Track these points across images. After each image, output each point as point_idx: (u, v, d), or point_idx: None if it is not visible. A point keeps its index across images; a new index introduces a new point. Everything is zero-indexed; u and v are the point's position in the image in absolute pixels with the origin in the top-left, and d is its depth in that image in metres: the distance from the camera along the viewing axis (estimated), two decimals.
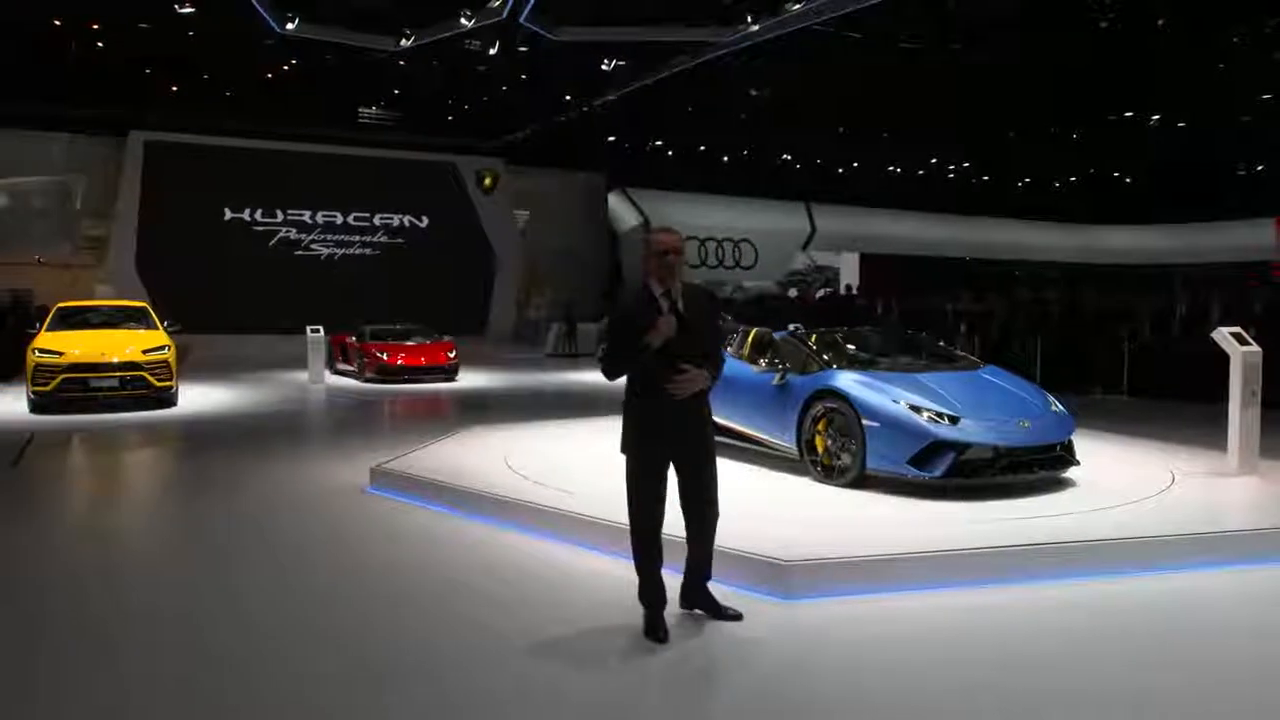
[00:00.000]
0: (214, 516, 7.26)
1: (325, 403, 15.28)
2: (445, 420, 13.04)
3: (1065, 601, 5.00)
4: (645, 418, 4.46)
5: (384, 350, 17.96)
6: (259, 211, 25.63)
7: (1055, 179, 39.49)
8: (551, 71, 23.57)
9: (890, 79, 24.07)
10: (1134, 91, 26.91)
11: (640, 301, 4.46)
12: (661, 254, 4.40)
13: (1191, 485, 6.98)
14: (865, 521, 6.06)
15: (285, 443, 11.09)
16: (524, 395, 16.37)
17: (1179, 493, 6.74)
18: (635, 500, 4.49)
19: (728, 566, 4.92)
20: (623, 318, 4.54)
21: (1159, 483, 6.99)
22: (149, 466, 10.04)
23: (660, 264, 4.40)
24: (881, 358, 7.80)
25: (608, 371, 4.58)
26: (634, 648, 4.37)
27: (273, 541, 6.49)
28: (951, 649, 4.38)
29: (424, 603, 5.12)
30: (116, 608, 5.10)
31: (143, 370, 13.22)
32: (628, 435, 4.51)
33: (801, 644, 4.44)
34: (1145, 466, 7.62)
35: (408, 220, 27.29)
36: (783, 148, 33.34)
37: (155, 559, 6.28)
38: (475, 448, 8.74)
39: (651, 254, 4.44)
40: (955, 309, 19.20)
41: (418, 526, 6.70)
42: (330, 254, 26.44)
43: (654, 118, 28.01)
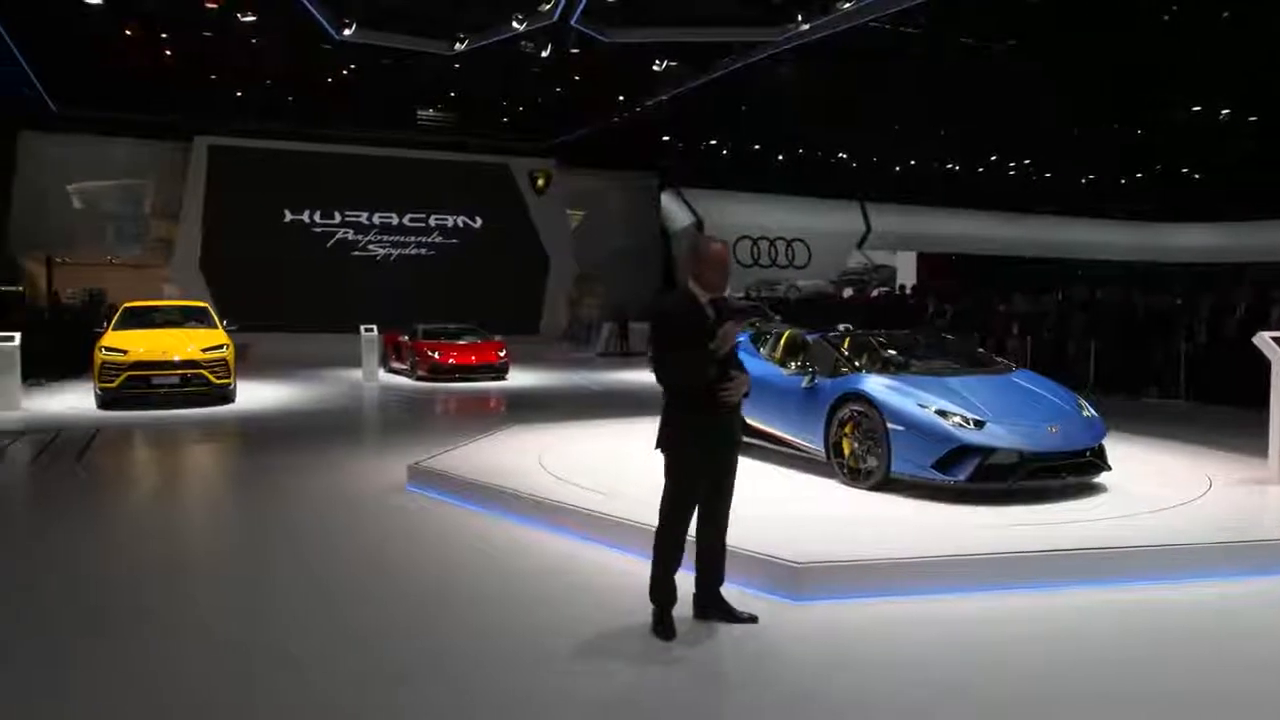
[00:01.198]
0: (256, 512, 7.57)
1: (377, 400, 15.65)
2: (490, 419, 13.28)
3: (1083, 608, 4.99)
4: (697, 422, 4.48)
5: (436, 349, 18.31)
6: (318, 213, 26.28)
7: (1121, 176, 38.57)
8: (604, 72, 23.74)
9: (948, 75, 23.76)
10: (1202, 85, 26.19)
11: (685, 308, 4.52)
12: (719, 264, 4.51)
13: (1227, 492, 6.86)
14: (884, 524, 6.08)
15: (335, 440, 11.40)
16: (571, 395, 16.57)
17: (1213, 499, 6.64)
18: (679, 502, 4.51)
19: (741, 568, 5.00)
20: (676, 323, 4.51)
21: (1194, 489, 6.89)
22: (202, 462, 10.42)
23: (716, 273, 4.52)
24: (913, 361, 7.81)
25: (673, 376, 4.52)
26: (649, 649, 4.45)
27: (306, 538, 6.73)
28: (962, 654, 4.41)
29: (449, 601, 5.28)
30: (148, 600, 5.36)
31: (202, 368, 13.72)
32: (677, 438, 4.49)
33: (811, 646, 4.50)
34: (1182, 472, 7.51)
35: (462, 221, 27.74)
36: (838, 146, 33.09)
37: (195, 553, 6.56)
38: (512, 447, 8.93)
39: (707, 263, 4.52)
40: (1008, 310, 18.90)
41: (449, 525, 6.88)
42: (386, 254, 27.00)
43: (707, 117, 28.01)
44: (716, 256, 4.53)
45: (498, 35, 19.90)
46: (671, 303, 4.65)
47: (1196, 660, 4.41)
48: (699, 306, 4.49)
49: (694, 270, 4.54)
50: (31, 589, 5.49)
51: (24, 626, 4.83)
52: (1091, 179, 38.67)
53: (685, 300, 4.52)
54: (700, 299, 4.49)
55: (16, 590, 5.47)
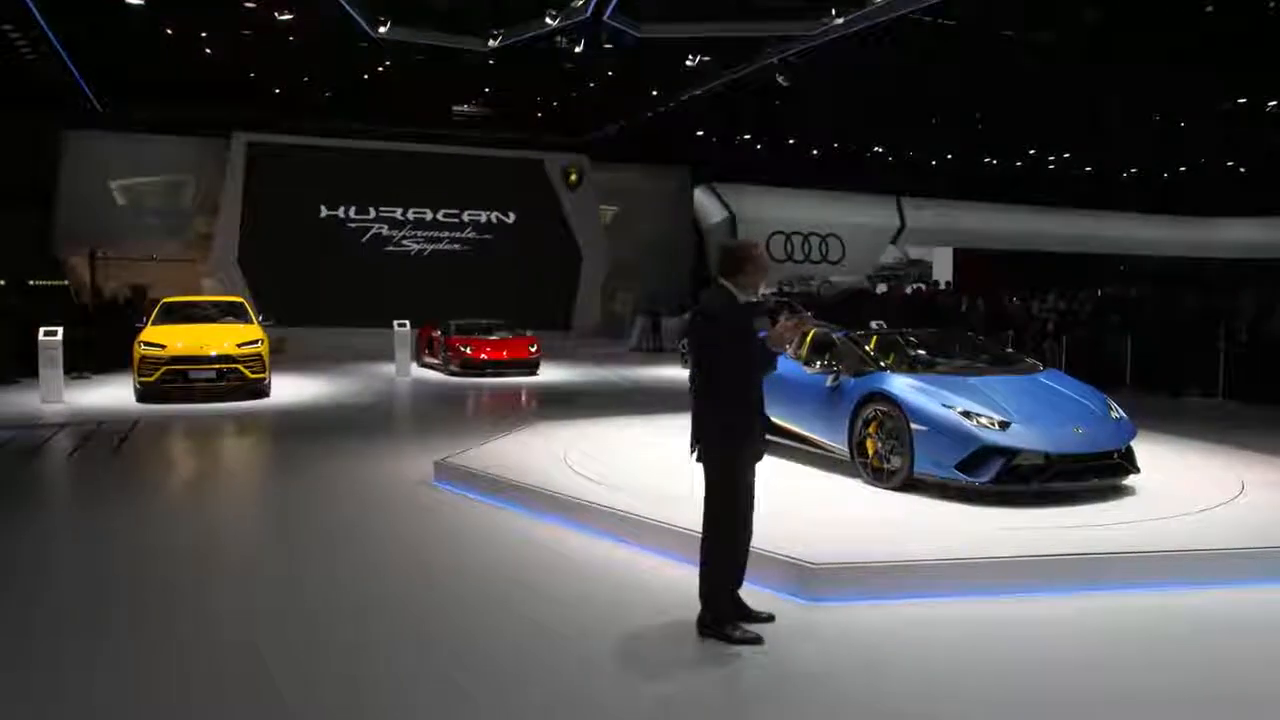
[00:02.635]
0: (286, 506, 7.70)
1: (409, 395, 15.81)
2: (520, 414, 13.36)
3: (1105, 613, 4.94)
4: (747, 421, 4.50)
5: (468, 344, 18.43)
6: (353, 209, 26.52)
7: (1164, 170, 37.85)
8: (637, 68, 23.73)
9: (984, 69, 23.46)
10: (1247, 77, 25.62)
11: (735, 310, 4.53)
12: (763, 267, 4.64)
13: (1261, 496, 6.74)
14: (908, 526, 6.05)
15: (367, 434, 11.55)
16: (601, 390, 16.61)
17: (1245, 504, 6.52)
18: (738, 505, 4.47)
19: (755, 567, 5.01)
20: (742, 328, 4.51)
21: (1226, 493, 6.78)
22: (236, 455, 10.61)
23: (759, 275, 4.62)
24: (939, 360, 7.76)
25: (741, 378, 4.49)
26: (655, 652, 4.48)
27: (332, 532, 6.83)
28: (975, 657, 4.40)
29: (467, 598, 5.35)
30: (178, 599, 5.47)
31: (238, 363, 13.94)
32: (727, 441, 4.46)
33: (822, 647, 4.50)
34: (1215, 475, 7.38)
35: (495, 216, 27.86)
36: (873, 141, 32.80)
37: (222, 545, 6.69)
38: (538, 443, 8.98)
39: (753, 264, 4.58)
40: (1042, 307, 18.66)
41: (471, 521, 6.96)
42: (420, 250, 27.20)
43: (741, 112, 27.89)
44: (762, 260, 4.62)
45: (532, 31, 19.99)
46: (720, 305, 4.56)
47: (1218, 666, 4.35)
48: (745, 307, 4.56)
49: (735, 271, 4.54)
50: (52, 584, 5.64)
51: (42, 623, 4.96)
52: (1134, 172, 38.03)
53: (728, 301, 4.52)
54: (738, 299, 4.53)
55: (35, 578, 5.62)
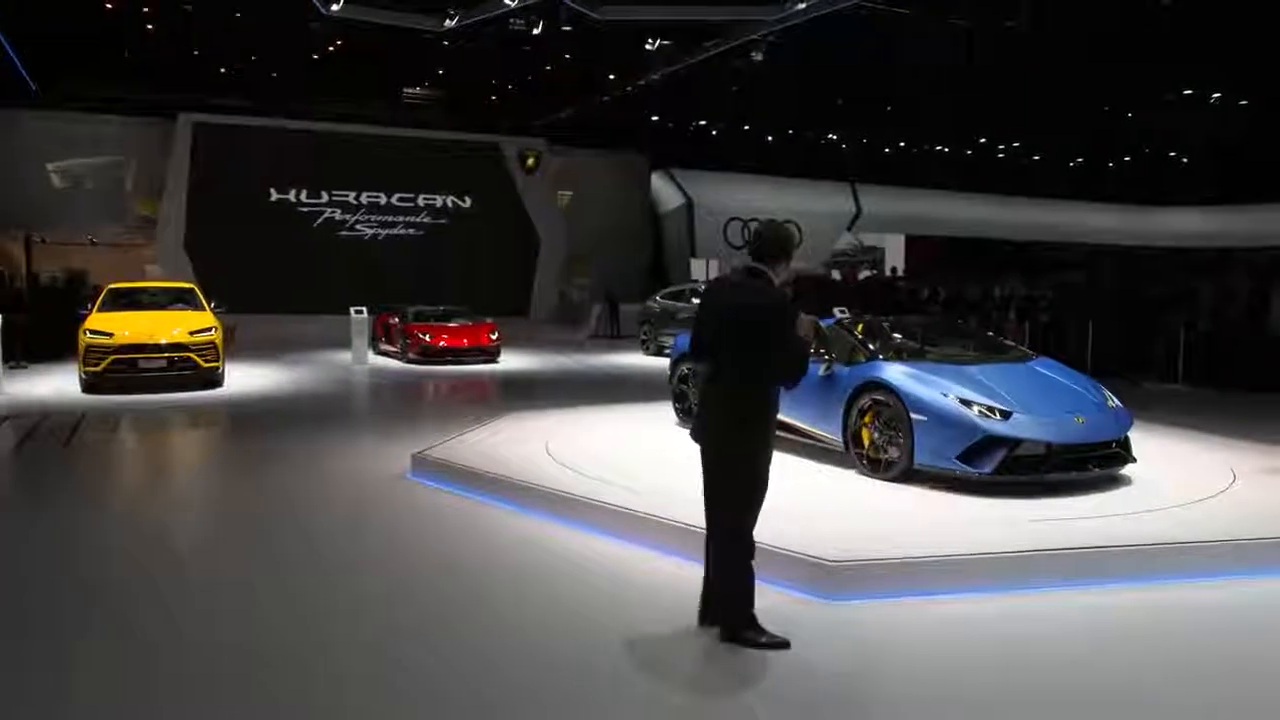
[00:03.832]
0: (253, 502, 7.30)
1: (368, 384, 15.37)
2: (488, 404, 13.05)
3: (1122, 607, 4.84)
4: (772, 416, 4.31)
5: (427, 331, 18.02)
6: (304, 193, 25.84)
7: (1109, 159, 38.51)
8: (595, 51, 23.40)
9: (939, 56, 23.55)
10: (1194, 69, 26.07)
11: (789, 301, 4.36)
12: (792, 251, 4.42)
13: (1254, 485, 6.71)
14: (911, 518, 5.91)
15: (328, 425, 11.14)
16: (566, 378, 16.33)
17: (1240, 493, 6.48)
18: (758, 505, 4.29)
19: (771, 565, 4.82)
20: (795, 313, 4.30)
21: (1219, 482, 6.74)
22: (193, 449, 10.15)
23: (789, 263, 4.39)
24: (929, 348, 7.62)
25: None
26: (658, 649, 4.29)
27: (309, 528, 6.50)
28: (998, 653, 4.25)
29: (457, 597, 5.07)
30: (147, 595, 5.12)
31: (190, 351, 13.39)
32: (758, 435, 4.23)
33: (846, 647, 4.32)
34: (1204, 464, 7.36)
35: (451, 201, 27.36)
36: (829, 127, 32.85)
37: (190, 546, 6.31)
38: (516, 434, 8.70)
39: (789, 250, 4.37)
40: (1003, 294, 18.80)
41: (456, 516, 6.66)
42: (374, 235, 26.61)
43: (698, 97, 27.71)
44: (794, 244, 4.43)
45: (488, 12, 19.55)
46: (787, 298, 4.36)
47: (1241, 661, 4.26)
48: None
49: (781, 255, 4.28)
50: (7, 589, 5.25)
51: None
52: (1080, 162, 38.64)
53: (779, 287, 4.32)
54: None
55: None
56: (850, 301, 20.67)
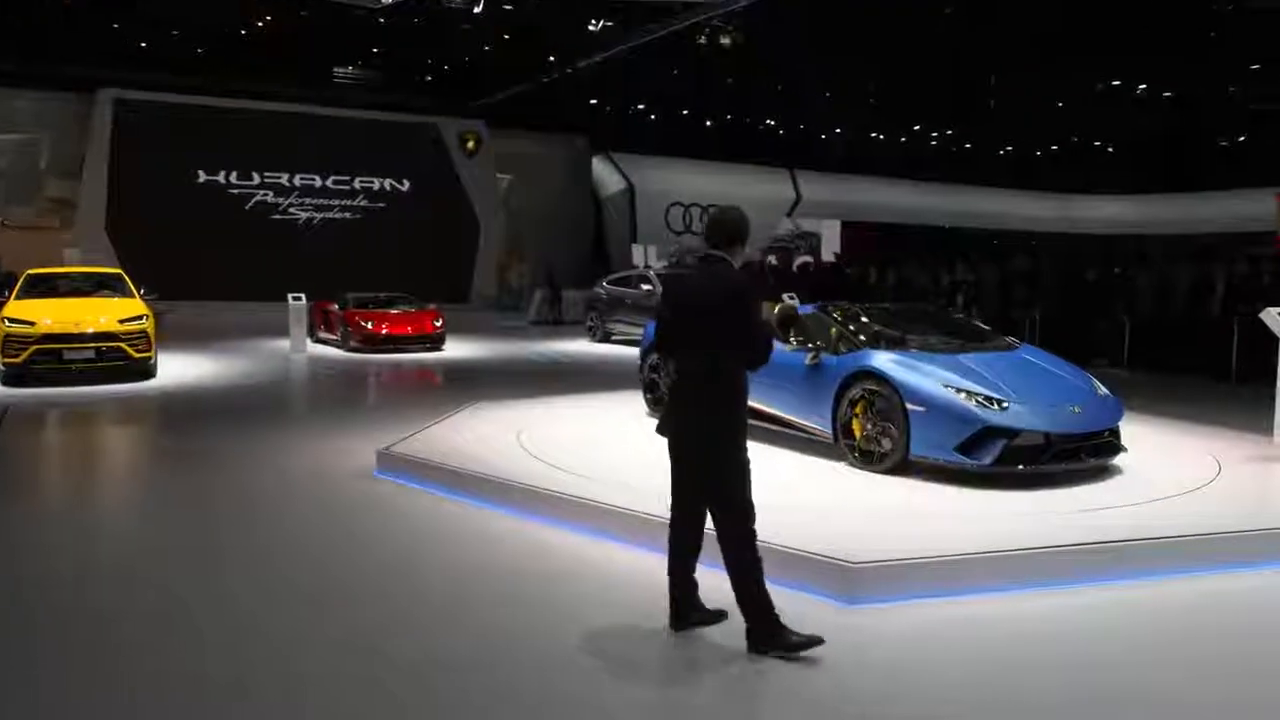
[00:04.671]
0: (204, 502, 6.79)
1: (311, 374, 14.76)
2: (443, 394, 12.60)
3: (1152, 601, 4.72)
4: (743, 402, 4.15)
5: (368, 319, 17.43)
6: (234, 174, 24.78)
7: (1037, 148, 39.26)
8: (535, 31, 22.89)
9: (877, 43, 23.63)
10: (1120, 60, 26.59)
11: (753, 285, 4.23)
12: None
13: (1240, 472, 6.68)
14: (914, 515, 5.72)
15: (277, 419, 10.64)
16: (517, 367, 15.90)
17: (1231, 481, 6.44)
18: (750, 498, 4.06)
19: (785, 567, 4.59)
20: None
21: (1205, 469, 6.70)
22: (130, 446, 9.53)
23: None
24: (910, 335, 7.42)
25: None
26: (669, 654, 4.06)
27: (273, 534, 6.05)
28: (1039, 655, 4.07)
29: (436, 600, 4.72)
30: (91, 607, 4.65)
31: (120, 341, 12.64)
32: (731, 423, 4.06)
33: (877, 656, 4.09)
34: (1185, 451, 7.33)
35: (388, 184, 26.54)
36: (769, 113, 32.81)
37: (137, 554, 5.79)
38: (484, 427, 8.32)
39: (744, 234, 4.25)
40: (951, 279, 18.90)
41: (432, 516, 6.28)
42: (309, 218, 25.68)
43: (639, 81, 27.35)
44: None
45: None
46: (750, 282, 4.21)
47: None
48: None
49: (736, 240, 4.16)
50: None
51: None
52: (1009, 150, 39.31)
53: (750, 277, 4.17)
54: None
55: None
56: (798, 287, 20.61)
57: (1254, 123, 33.01)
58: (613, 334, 19.51)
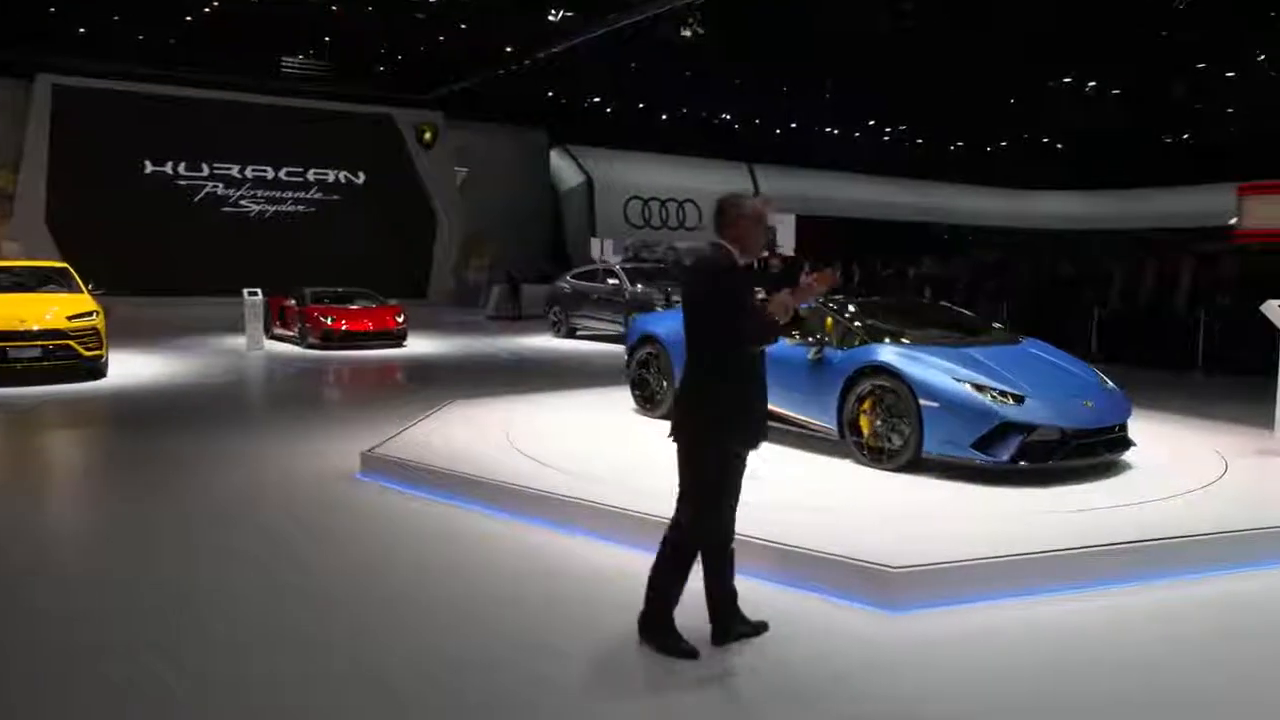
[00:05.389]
0: (177, 508, 6.36)
1: (271, 373, 14.20)
2: (412, 392, 12.18)
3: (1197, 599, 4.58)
4: (741, 410, 3.87)
5: (328, 314, 16.90)
6: (182, 165, 23.90)
7: (988, 144, 39.70)
8: (493, 21, 22.45)
9: (832, 38, 23.59)
10: (1072, 58, 26.91)
11: (733, 271, 3.87)
12: (761, 223, 3.97)
13: (1249, 468, 6.59)
14: (940, 516, 5.48)
15: (243, 421, 10.18)
16: (485, 364, 15.49)
17: (1242, 476, 6.34)
18: (718, 504, 3.87)
19: (819, 572, 4.35)
20: (744, 287, 3.89)
21: (1211, 463, 6.61)
22: (85, 450, 8.99)
23: (758, 234, 3.95)
24: (913, 329, 7.23)
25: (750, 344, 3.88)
26: (694, 672, 3.77)
27: (262, 544, 5.64)
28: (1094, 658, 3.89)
29: (445, 612, 4.40)
30: (64, 629, 4.26)
31: (69, 338, 12.02)
32: (715, 425, 3.83)
33: (920, 663, 3.87)
34: (1187, 446, 7.24)
35: (343, 176, 25.83)
36: (727, 107, 32.69)
37: (118, 573, 5.37)
38: (468, 426, 7.97)
39: (752, 221, 3.92)
40: (918, 273, 18.90)
41: (423, 522, 5.94)
42: (260, 211, 24.88)
43: (599, 73, 27.01)
44: (755, 213, 3.94)
45: None
46: (712, 265, 3.92)
47: None
48: (743, 272, 3.92)
49: (726, 226, 3.91)
50: None
51: None
52: (960, 145, 39.72)
53: (726, 261, 3.86)
54: (738, 260, 3.88)
55: None
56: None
57: (1197, 121, 33.78)
58: (577, 329, 19.18)
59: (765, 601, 4.17)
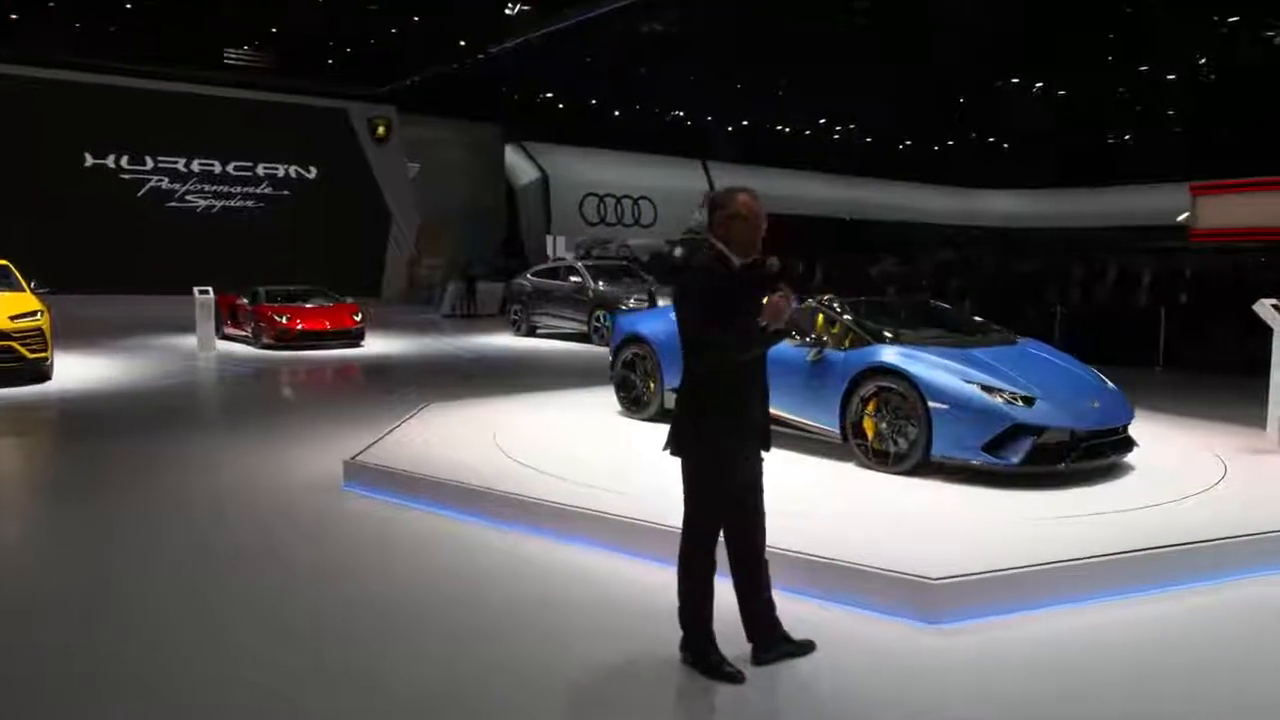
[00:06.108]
0: (148, 524, 5.98)
1: (228, 374, 13.66)
2: (379, 394, 11.78)
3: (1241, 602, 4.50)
4: (735, 410, 3.63)
5: (283, 313, 16.39)
6: (125, 158, 23.01)
7: (935, 143, 40.16)
8: (446, 14, 22.04)
9: (784, 37, 23.61)
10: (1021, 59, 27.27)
11: (717, 274, 3.62)
12: (751, 218, 3.65)
13: (1249, 468, 6.55)
14: (966, 522, 5.33)
15: (203, 425, 9.78)
16: (447, 363, 15.13)
17: (1244, 475, 6.31)
18: (713, 513, 3.69)
19: (855, 586, 4.18)
20: (713, 296, 3.61)
21: (1210, 463, 6.58)
22: (29, 462, 8.50)
23: (748, 230, 3.64)
24: (913, 330, 7.11)
25: (712, 362, 3.63)
26: (718, 694, 3.57)
27: (254, 562, 5.32)
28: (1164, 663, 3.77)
29: (457, 633, 4.15)
30: None
31: (12, 339, 11.46)
32: (708, 432, 3.62)
33: (973, 680, 3.72)
34: (1183, 446, 7.21)
35: (294, 171, 25.13)
36: (682, 104, 32.58)
37: (74, 594, 5.01)
38: (449, 430, 7.68)
39: (736, 218, 3.63)
40: (881, 270, 18.95)
41: (418, 535, 5.65)
42: (208, 206, 24.08)
43: (555, 69, 26.70)
44: (745, 208, 3.65)
45: None
46: (702, 270, 3.71)
47: None
48: (734, 273, 3.62)
49: (716, 224, 3.67)
50: None
51: None
52: (909, 144, 40.11)
53: (718, 266, 3.63)
54: (733, 264, 3.62)
55: None
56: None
57: (1139, 123, 34.53)
58: (538, 328, 18.87)
59: (798, 617, 3.98)
